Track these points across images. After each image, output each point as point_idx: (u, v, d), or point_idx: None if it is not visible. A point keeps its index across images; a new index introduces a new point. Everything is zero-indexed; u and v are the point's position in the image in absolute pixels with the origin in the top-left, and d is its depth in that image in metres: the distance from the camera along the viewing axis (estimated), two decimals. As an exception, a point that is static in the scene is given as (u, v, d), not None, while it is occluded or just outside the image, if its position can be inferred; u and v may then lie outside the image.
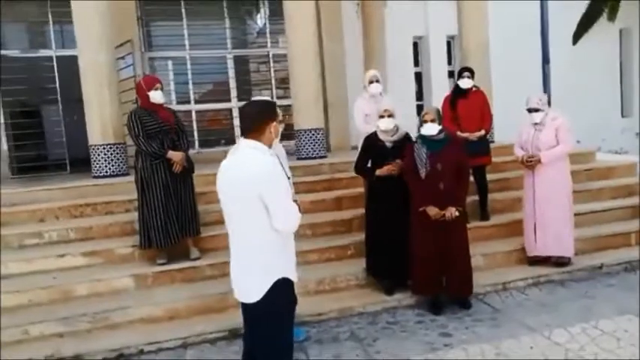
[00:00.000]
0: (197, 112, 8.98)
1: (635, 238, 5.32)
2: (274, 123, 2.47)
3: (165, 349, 3.78)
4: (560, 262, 4.79)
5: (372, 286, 4.54)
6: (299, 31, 6.53)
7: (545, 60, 10.71)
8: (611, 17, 10.70)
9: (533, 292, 4.49)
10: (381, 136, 4.39)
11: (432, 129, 4.09)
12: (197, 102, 8.99)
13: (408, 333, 3.83)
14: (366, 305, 4.28)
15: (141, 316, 4.03)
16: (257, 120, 2.44)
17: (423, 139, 4.15)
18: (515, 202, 5.43)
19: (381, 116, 4.36)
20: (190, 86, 8.85)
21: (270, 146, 2.49)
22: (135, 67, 7.53)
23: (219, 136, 9.09)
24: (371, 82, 5.04)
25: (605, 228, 5.40)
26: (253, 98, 3.48)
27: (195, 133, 8.79)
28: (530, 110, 4.71)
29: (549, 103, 10.38)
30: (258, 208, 2.33)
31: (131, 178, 5.29)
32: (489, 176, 5.62)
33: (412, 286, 4.31)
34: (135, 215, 4.76)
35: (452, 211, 3.98)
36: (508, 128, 5.42)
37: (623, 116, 11.87)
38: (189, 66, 8.76)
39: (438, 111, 4.24)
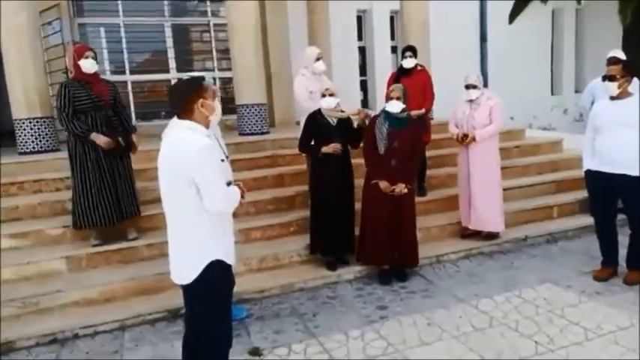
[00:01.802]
0: (133, 82, 8.58)
1: (557, 211, 5.73)
2: (201, 100, 2.38)
3: (101, 332, 3.69)
4: (490, 235, 5.09)
5: (313, 262, 4.63)
6: (238, 1, 6.31)
7: (483, 38, 11.06)
8: (544, -1, 11.13)
9: (464, 264, 4.75)
10: (326, 114, 4.41)
11: (396, 106, 4.20)
12: (133, 72, 8.58)
13: (346, 307, 3.96)
14: (307, 281, 4.36)
15: (75, 300, 3.89)
16: (182, 100, 2.38)
17: (386, 115, 4.23)
18: (450, 178, 5.67)
19: (323, 95, 4.38)
20: (125, 55, 8.41)
21: (207, 125, 2.43)
22: (63, 34, 7.05)
23: (158, 108, 8.76)
24: (318, 59, 4.98)
25: (530, 202, 5.77)
26: (184, 76, 3.39)
27: (132, 106, 8.42)
28: (468, 87, 4.88)
29: (486, 81, 10.85)
30: (190, 189, 2.30)
31: (60, 154, 5.04)
32: (428, 153, 5.81)
33: (363, 257, 4.44)
34: (66, 194, 4.53)
35: (401, 187, 4.16)
36: (446, 105, 5.60)
37: (552, 94, 12.56)
38: (123, 34, 8.30)
39: (403, 89, 4.31)
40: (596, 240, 4.29)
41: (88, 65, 4.21)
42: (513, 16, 11.49)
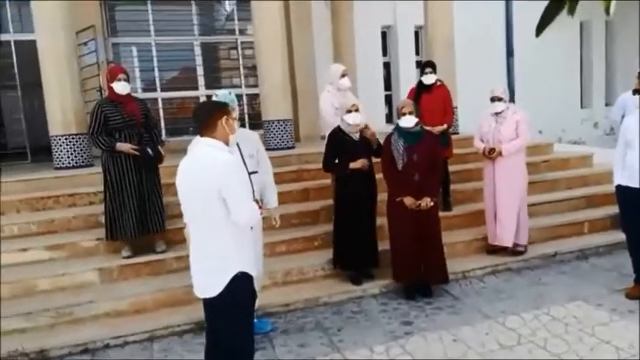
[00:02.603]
0: (164, 99, 8.86)
1: (588, 226, 5.60)
2: (225, 117, 2.51)
3: (131, 342, 3.79)
4: (517, 250, 5.01)
5: (337, 276, 4.64)
6: (266, 19, 6.47)
7: (510, 52, 10.97)
8: (571, 11, 11.01)
9: (490, 280, 4.69)
10: (347, 130, 4.45)
11: (409, 121, 4.22)
12: (163, 89, 8.85)
13: (371, 322, 3.95)
14: (331, 295, 4.38)
15: (106, 310, 4.02)
16: (206, 118, 2.50)
17: (400, 131, 4.26)
18: (476, 193, 5.62)
19: (349, 111, 4.40)
20: (156, 73, 8.71)
21: (227, 142, 2.53)
22: (98, 54, 7.35)
23: (186, 124, 9.00)
24: (343, 75, 5.05)
25: (560, 217, 5.66)
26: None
27: (162, 122, 8.67)
28: (493, 99, 4.85)
29: (513, 95, 10.77)
30: (215, 204, 2.38)
31: (94, 169, 5.24)
32: (453, 167, 5.79)
33: (393, 274, 4.44)
34: (99, 208, 4.70)
35: (427, 201, 4.15)
36: (472, 120, 5.58)
37: (582, 107, 12.31)
38: (154, 52, 8.61)
39: (414, 104, 4.33)
40: (629, 257, 4.18)
41: (120, 87, 4.40)
42: (540, 28, 11.40)
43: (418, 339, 3.60)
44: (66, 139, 5.73)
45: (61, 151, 5.75)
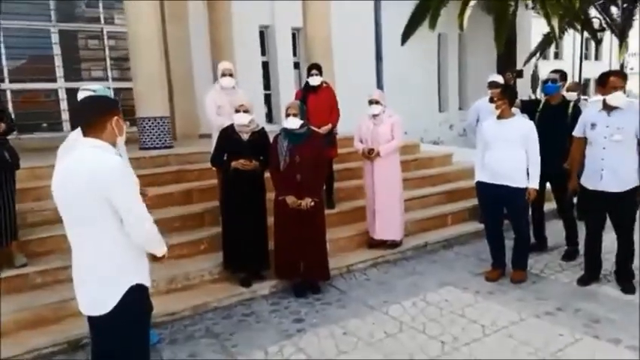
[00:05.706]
0: (14, 91, 7.78)
1: (451, 219, 6.24)
2: (115, 117, 2.28)
3: (-13, 373, 3.28)
4: (394, 243, 5.40)
5: (226, 279, 4.54)
6: (141, 13, 6.04)
7: (379, 57, 11.74)
8: (432, 25, 12.19)
9: (372, 273, 4.98)
10: (237, 129, 4.39)
11: (293, 123, 4.26)
12: (13, 80, 7.77)
13: (263, 323, 3.94)
14: (220, 300, 4.26)
15: (-47, 338, 3.42)
16: (95, 117, 2.23)
17: (285, 131, 4.28)
18: (357, 191, 5.92)
19: (237, 111, 4.35)
20: (4, 62, 7.61)
21: (114, 144, 2.31)
22: None
23: (40, 119, 8.04)
24: (223, 75, 4.96)
25: (427, 211, 6.23)
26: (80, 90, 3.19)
27: (13, 117, 7.59)
28: (371, 102, 5.16)
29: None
30: (106, 212, 2.15)
31: None
32: (336, 166, 6.02)
33: (277, 270, 4.48)
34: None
35: (307, 201, 4.23)
36: (348, 121, 5.86)
37: (440, 111, 13.68)
38: (2, 38, 7.52)
39: (300, 106, 4.39)
40: (486, 244, 4.76)
41: None
42: (405, 37, 12.40)
43: (310, 335, 3.68)
44: None
45: None
